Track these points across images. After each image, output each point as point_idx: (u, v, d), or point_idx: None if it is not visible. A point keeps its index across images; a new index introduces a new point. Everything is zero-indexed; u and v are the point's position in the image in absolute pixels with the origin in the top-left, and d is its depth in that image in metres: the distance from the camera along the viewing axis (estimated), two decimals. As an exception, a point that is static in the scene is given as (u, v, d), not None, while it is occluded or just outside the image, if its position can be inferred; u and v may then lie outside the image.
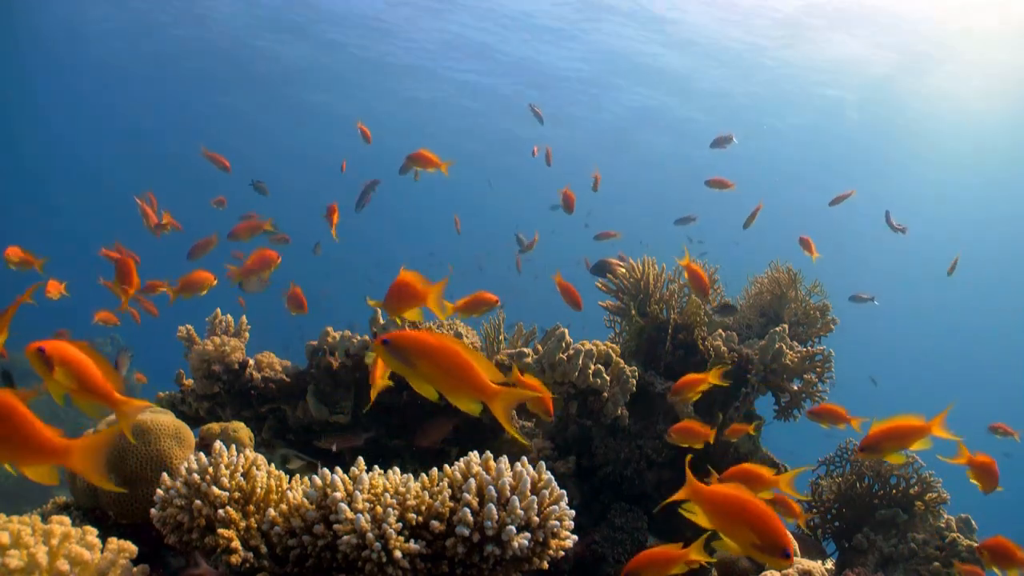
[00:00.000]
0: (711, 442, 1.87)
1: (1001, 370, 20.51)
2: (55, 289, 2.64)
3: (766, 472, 1.55)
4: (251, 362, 2.14)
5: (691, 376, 1.93)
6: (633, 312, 2.44)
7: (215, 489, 1.09)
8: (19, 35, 12.84)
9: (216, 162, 4.10)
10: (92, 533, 1.04)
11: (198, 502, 1.08)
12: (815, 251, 3.66)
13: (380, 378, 1.68)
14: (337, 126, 15.67)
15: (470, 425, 2.15)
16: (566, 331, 1.99)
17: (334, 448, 2.02)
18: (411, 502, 1.06)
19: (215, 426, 1.52)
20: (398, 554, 1.01)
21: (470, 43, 11.97)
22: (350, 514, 1.03)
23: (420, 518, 1.06)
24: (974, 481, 1.87)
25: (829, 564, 2.24)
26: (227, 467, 1.12)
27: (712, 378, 1.89)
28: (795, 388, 2.38)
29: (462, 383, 1.04)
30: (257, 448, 1.66)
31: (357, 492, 1.06)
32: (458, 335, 2.03)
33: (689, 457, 1.76)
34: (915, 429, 1.56)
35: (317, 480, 1.08)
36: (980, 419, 3.26)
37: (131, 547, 1.06)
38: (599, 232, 4.66)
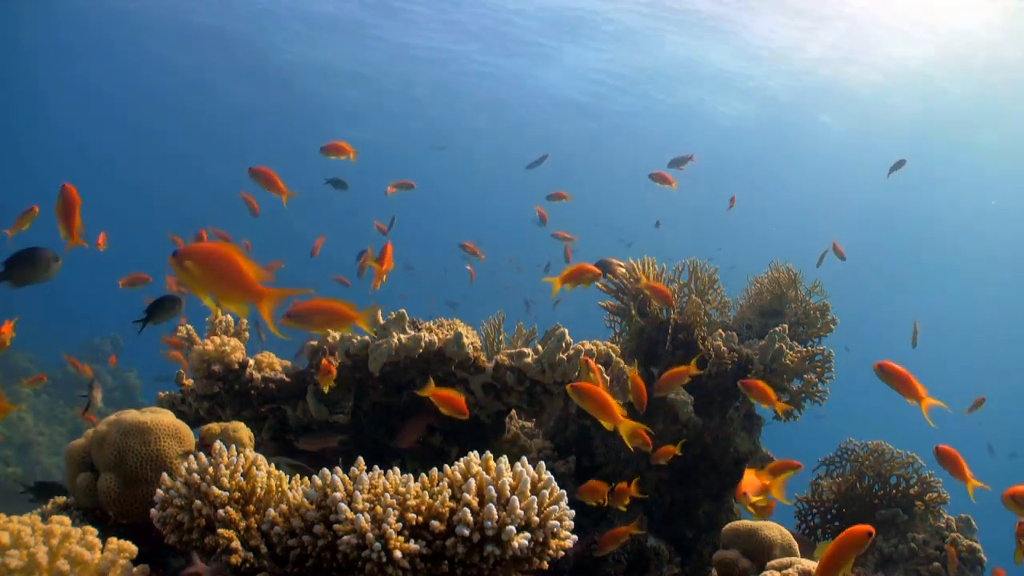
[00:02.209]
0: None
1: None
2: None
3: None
4: (251, 362, 2.14)
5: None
6: (633, 312, 2.44)
7: (215, 489, 1.09)
8: (23, 25, 12.80)
9: (248, 204, 4.23)
10: (92, 533, 1.04)
11: (198, 502, 1.08)
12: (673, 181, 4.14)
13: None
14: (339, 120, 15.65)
15: (468, 425, 2.15)
16: (566, 331, 1.99)
17: (311, 449, 2.03)
18: (411, 502, 1.06)
19: (215, 426, 1.52)
20: (398, 554, 1.01)
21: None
22: (350, 514, 1.03)
23: (420, 518, 1.06)
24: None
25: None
26: (227, 467, 1.12)
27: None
28: (795, 388, 2.39)
29: (232, 285, 1.16)
30: (257, 448, 1.66)
31: (357, 492, 1.05)
32: (458, 335, 2.02)
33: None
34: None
35: (317, 480, 1.08)
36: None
37: (131, 547, 1.06)
38: (551, 193, 4.66)
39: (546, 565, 1.09)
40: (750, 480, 1.69)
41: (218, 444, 1.15)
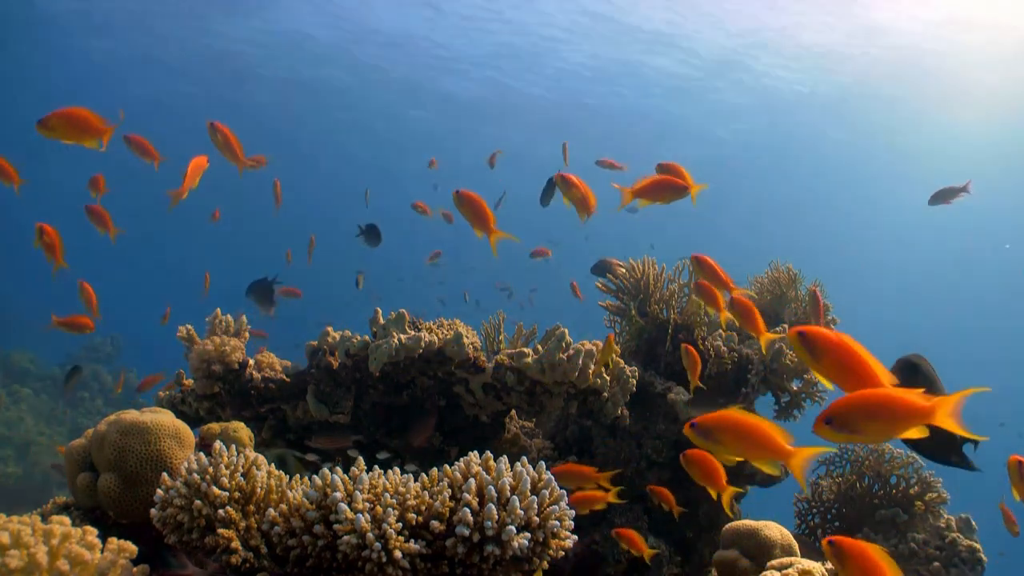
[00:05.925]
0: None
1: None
2: None
3: None
4: (251, 362, 2.14)
5: (584, 494, 1.81)
6: (633, 312, 2.44)
7: (215, 489, 1.09)
8: (29, 20, 12.69)
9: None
10: (92, 533, 1.04)
11: (198, 502, 1.08)
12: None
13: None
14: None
15: (468, 425, 2.15)
16: (566, 331, 2.00)
17: (325, 447, 2.02)
18: (411, 502, 1.06)
19: (215, 426, 1.52)
20: (398, 554, 1.01)
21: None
22: (350, 514, 1.03)
23: (420, 518, 1.06)
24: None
25: (829, 564, 2.23)
26: (227, 467, 1.12)
27: (611, 498, 1.81)
28: (795, 388, 2.39)
29: (75, 128, 1.90)
30: (257, 448, 1.66)
31: (357, 492, 1.06)
32: (458, 334, 2.02)
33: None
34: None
35: (317, 480, 1.08)
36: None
37: (131, 547, 1.06)
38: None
39: (547, 565, 1.09)
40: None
41: (218, 444, 1.15)
